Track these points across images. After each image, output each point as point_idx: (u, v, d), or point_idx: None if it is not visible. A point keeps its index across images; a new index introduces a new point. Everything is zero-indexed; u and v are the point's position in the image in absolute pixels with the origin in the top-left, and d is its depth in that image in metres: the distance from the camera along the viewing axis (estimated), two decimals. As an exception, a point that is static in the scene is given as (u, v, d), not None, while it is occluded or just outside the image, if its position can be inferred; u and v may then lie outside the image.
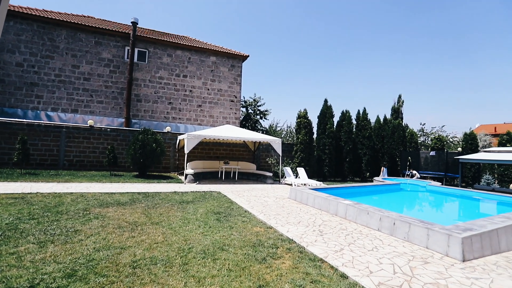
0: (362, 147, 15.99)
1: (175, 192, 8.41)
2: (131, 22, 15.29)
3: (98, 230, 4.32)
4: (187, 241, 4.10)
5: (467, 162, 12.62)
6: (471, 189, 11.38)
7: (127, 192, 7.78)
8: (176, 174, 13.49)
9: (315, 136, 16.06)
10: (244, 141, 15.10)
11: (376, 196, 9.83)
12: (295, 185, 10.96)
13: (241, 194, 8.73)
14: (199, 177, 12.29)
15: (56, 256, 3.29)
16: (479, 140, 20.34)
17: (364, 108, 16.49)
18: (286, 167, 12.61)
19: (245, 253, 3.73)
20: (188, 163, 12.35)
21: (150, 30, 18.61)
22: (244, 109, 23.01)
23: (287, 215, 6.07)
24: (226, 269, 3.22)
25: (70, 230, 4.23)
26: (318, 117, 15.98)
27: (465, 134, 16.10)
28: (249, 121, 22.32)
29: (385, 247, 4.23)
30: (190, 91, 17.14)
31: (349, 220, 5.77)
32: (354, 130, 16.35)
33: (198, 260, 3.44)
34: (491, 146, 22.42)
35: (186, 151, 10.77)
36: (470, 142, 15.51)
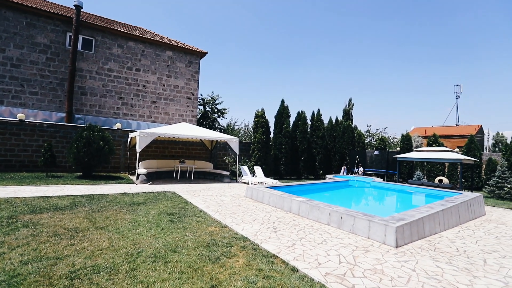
0: (316, 146, 16.93)
1: (124, 193, 7.84)
2: (74, 5, 13.76)
3: (28, 240, 3.79)
4: (136, 245, 3.85)
5: (403, 160, 14.26)
6: (406, 184, 12.92)
7: (68, 195, 6.99)
8: (127, 174, 12.58)
9: (272, 135, 16.49)
10: (201, 139, 14.77)
11: (327, 193, 10.51)
12: (252, 183, 11.10)
13: (197, 194, 8.52)
14: (152, 177, 11.65)
15: (-31, 273, 2.80)
16: (413, 141, 23.15)
17: (318, 109, 17.51)
18: (243, 166, 12.70)
19: (199, 254, 3.66)
20: (140, 163, 11.61)
21: (98, 16, 16.98)
22: (201, 107, 22.51)
23: (242, 214, 6.11)
24: (178, 272, 3.11)
25: (-9, 241, 3.63)
26: (275, 117, 16.44)
27: (402, 135, 18.15)
28: (206, 119, 21.91)
29: (333, 240, 4.55)
30: (144, 86, 16.13)
31: (302, 216, 6.06)
32: (309, 130, 17.21)
33: (148, 264, 3.26)
34: (422, 146, 25.71)
35: (138, 149, 10.12)
36: (406, 142, 17.55)
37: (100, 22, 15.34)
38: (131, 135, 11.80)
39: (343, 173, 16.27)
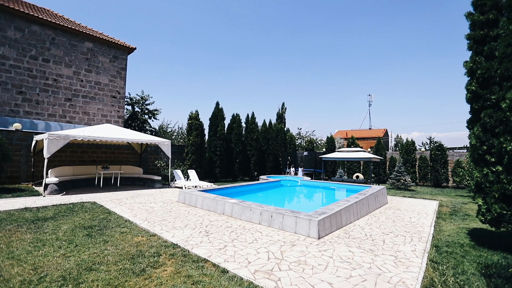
0: (251, 148, 17.43)
1: (26, 208, 6.51)
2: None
3: None
4: (38, 269, 3.24)
5: (328, 159, 15.95)
6: (330, 181, 14.50)
7: None
8: (30, 185, 10.50)
9: (206, 138, 16.24)
10: (128, 142, 13.47)
11: (261, 193, 10.91)
12: (185, 188, 10.69)
13: (122, 202, 7.73)
14: (67, 187, 10.04)
15: None
16: (336, 143, 26.19)
17: (253, 112, 18.08)
18: (176, 170, 12.12)
19: (121, 268, 3.32)
20: (50, 170, 9.87)
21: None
22: (129, 107, 20.55)
23: (174, 220, 5.83)
24: (93, 292, 2.75)
25: None
26: (210, 119, 16.27)
27: (328, 137, 20.31)
28: (136, 121, 20.11)
29: (263, 238, 4.75)
30: (55, 80, 13.78)
31: (235, 218, 6.14)
32: (243, 132, 17.59)
33: (53, 290, 2.79)
34: (343, 147, 29.28)
35: (47, 155, 8.57)
36: (330, 144, 19.71)
37: (-9, -2, 12.41)
38: (37, 137, 9.89)
39: (300, 174, 16.82)
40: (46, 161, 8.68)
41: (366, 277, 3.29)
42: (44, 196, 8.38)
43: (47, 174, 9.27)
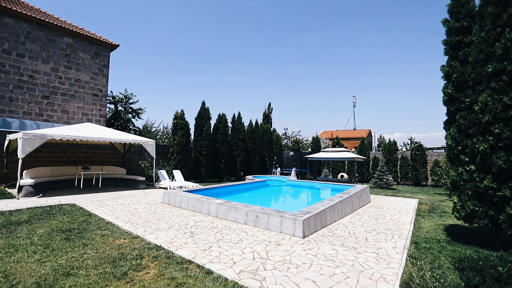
0: (237, 148, 17.38)
1: (-3, 211, 6.17)
2: None
3: None
4: (10, 276, 3.08)
5: (313, 159, 16.18)
6: (315, 181, 14.71)
7: None
8: (3, 187, 9.94)
9: (192, 137, 16.04)
10: (111, 142, 13.06)
11: (247, 193, 10.90)
12: (170, 188, 10.51)
13: (104, 204, 7.48)
14: (44, 188, 9.60)
15: None
16: (322, 143, 26.59)
17: (239, 112, 18.05)
18: (160, 170, 11.89)
19: (101, 272, 3.21)
20: (25, 171, 9.39)
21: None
22: (112, 106, 19.91)
23: (158, 221, 5.71)
24: (71, 298, 2.65)
25: None
26: (196, 119, 16.08)
27: (313, 138, 20.60)
28: (119, 120, 19.51)
29: (249, 238, 4.74)
30: (31, 76, 13.11)
31: (220, 218, 6.10)
32: (230, 132, 17.51)
33: (27, 297, 2.65)
34: (329, 147, 29.81)
35: (21, 155, 8.16)
36: (316, 144, 20.00)
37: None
38: (10, 137, 9.38)
39: (293, 174, 16.68)
40: (20, 161, 8.26)
41: (349, 274, 3.36)
42: (18, 199, 7.97)
43: (21, 175, 8.82)
